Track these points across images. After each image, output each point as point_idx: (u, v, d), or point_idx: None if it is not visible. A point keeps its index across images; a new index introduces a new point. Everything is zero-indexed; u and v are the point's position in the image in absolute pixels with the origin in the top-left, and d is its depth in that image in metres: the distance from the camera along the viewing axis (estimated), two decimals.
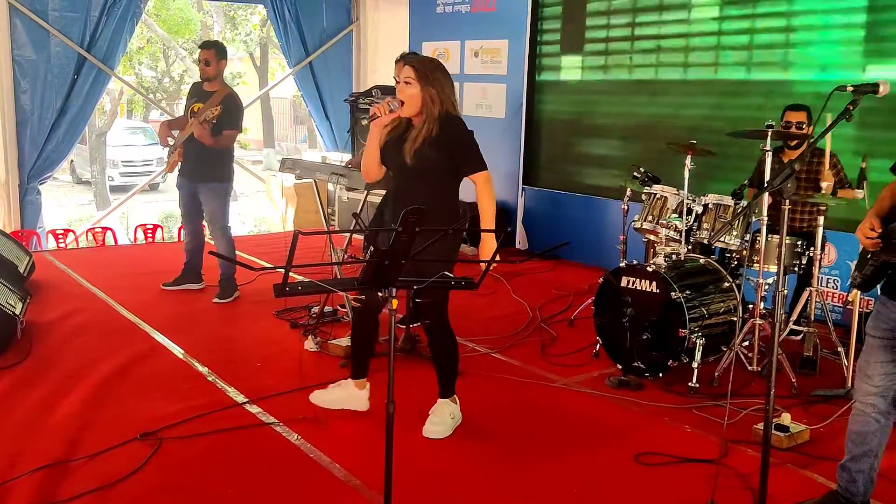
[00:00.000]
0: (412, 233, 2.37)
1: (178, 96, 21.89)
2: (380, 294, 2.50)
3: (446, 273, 2.86)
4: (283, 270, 2.43)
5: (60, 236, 8.84)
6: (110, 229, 9.18)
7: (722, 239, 5.09)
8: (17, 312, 5.29)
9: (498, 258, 3.03)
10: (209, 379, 4.76)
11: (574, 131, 8.33)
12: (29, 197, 8.46)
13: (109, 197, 17.74)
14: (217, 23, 23.11)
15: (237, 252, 6.82)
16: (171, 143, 6.36)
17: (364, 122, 3.96)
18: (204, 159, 6.22)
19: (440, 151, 3.85)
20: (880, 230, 3.05)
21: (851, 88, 3.09)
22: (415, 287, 2.69)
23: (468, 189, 3.97)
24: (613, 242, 6.30)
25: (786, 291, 4.95)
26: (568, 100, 8.42)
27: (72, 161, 20.17)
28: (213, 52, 6.27)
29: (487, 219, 3.96)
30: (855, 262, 4.58)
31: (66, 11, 8.35)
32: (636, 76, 7.66)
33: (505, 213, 8.85)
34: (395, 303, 2.52)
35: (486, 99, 9.03)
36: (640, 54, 7.60)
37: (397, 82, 3.94)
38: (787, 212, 3.14)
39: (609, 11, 7.81)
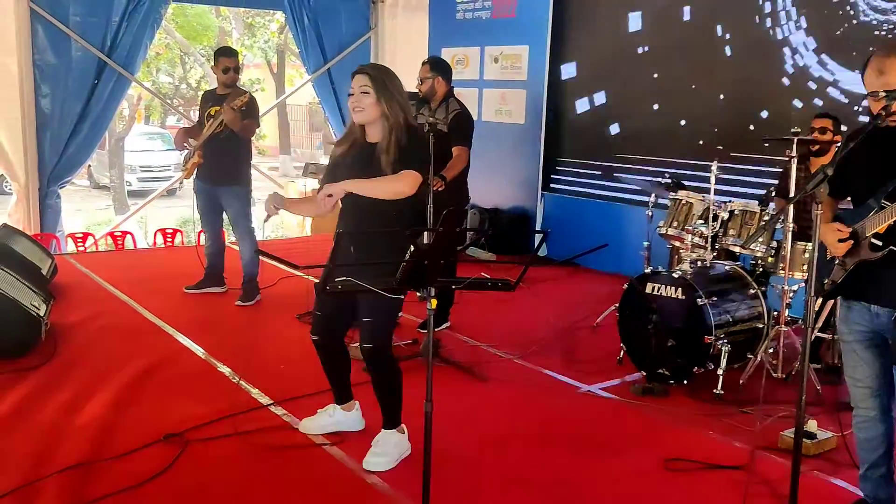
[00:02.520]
0: (452, 233, 2.37)
1: (195, 102, 21.93)
2: (419, 294, 2.50)
3: (484, 274, 2.85)
4: (297, 272, 2.43)
5: (80, 240, 8.89)
6: (130, 233, 9.22)
7: (748, 245, 5.05)
8: (42, 314, 5.31)
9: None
10: (233, 381, 4.77)
11: (595, 137, 8.31)
12: (49, 201, 8.47)
13: (128, 201, 17.83)
14: (235, 29, 23.22)
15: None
16: (189, 149, 6.34)
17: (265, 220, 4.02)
18: (224, 163, 6.24)
19: (402, 163, 3.66)
20: (849, 231, 3.11)
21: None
22: (453, 287, 2.68)
23: (486, 193, 3.95)
24: (634, 249, 6.27)
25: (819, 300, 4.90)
26: (588, 104, 8.40)
27: (89, 166, 20.28)
28: (237, 60, 6.38)
29: (369, 185, 3.64)
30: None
31: (86, 17, 8.36)
32: (658, 81, 7.64)
33: (524, 219, 8.85)
34: (434, 302, 2.52)
35: (506, 104, 9.03)
36: (663, 60, 7.58)
37: (350, 94, 3.75)
38: (818, 217, 3.11)
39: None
